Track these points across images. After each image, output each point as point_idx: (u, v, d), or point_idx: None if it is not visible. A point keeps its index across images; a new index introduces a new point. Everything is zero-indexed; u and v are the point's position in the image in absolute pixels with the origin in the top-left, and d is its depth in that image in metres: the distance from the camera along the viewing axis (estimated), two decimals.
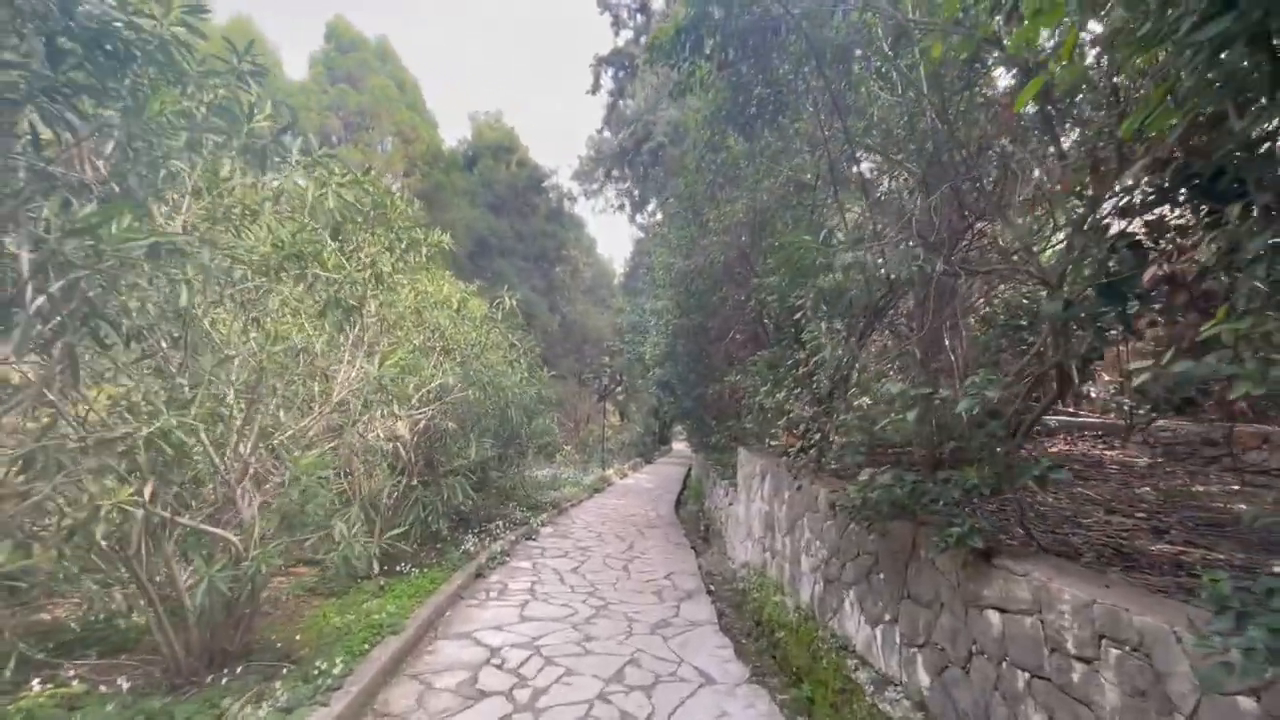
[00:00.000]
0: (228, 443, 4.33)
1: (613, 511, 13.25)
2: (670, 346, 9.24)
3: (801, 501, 5.04)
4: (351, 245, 4.42)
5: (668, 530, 11.34)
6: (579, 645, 5.14)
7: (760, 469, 6.41)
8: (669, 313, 8.22)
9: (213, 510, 4.30)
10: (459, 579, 6.69)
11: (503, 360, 7.62)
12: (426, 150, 17.88)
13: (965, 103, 3.61)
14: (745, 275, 6.40)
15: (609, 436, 24.39)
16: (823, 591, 4.59)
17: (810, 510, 4.90)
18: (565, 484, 15.46)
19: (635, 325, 13.49)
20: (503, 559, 8.08)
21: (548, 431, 12.64)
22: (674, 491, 17.92)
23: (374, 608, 5.35)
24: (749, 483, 7.13)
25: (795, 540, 5.23)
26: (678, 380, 9.90)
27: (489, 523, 9.47)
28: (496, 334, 8.32)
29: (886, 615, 3.69)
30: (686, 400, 10.44)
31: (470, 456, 6.72)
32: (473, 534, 8.75)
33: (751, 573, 6.55)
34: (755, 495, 6.71)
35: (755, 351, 6.30)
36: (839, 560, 4.34)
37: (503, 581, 7.07)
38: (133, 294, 3.17)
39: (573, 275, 25.16)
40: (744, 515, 7.40)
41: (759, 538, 6.47)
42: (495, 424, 9.49)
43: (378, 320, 5.04)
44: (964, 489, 2.99)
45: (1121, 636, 2.15)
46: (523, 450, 11.08)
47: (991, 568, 2.82)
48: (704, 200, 6.47)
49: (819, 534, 4.70)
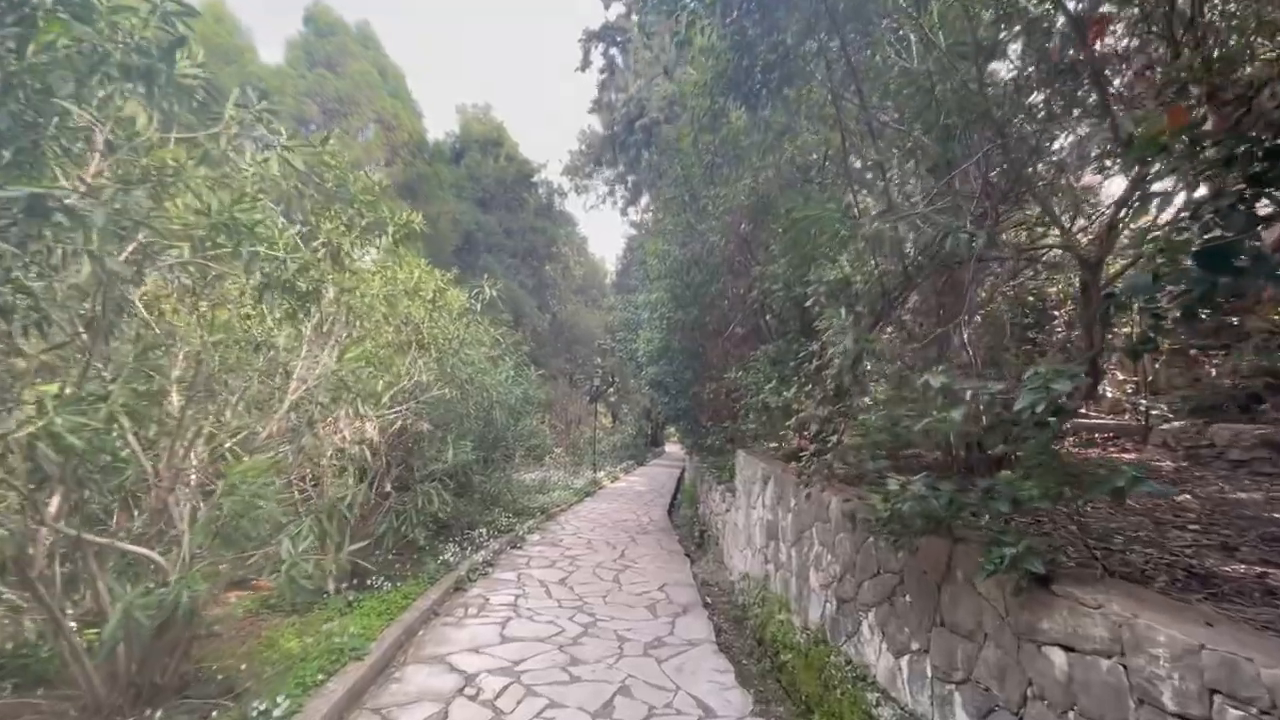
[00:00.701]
0: (167, 446, 3.83)
1: (603, 517, 12.74)
2: (665, 342, 8.72)
3: (810, 510, 4.58)
4: (303, 220, 3.91)
5: (661, 536, 10.85)
6: (565, 670, 4.64)
7: (762, 473, 5.95)
8: (664, 305, 7.73)
9: (147, 524, 3.77)
10: (435, 593, 6.16)
11: (485, 357, 7.09)
12: (410, 139, 17.19)
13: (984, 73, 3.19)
14: (745, 265, 5.94)
15: (600, 439, 23.87)
16: (835, 612, 4.13)
17: (820, 520, 4.43)
18: (555, 488, 14.94)
19: (628, 322, 12.98)
20: (485, 570, 7.56)
21: (536, 433, 12.13)
22: (667, 495, 17.45)
23: (336, 628, 4.82)
24: (749, 488, 6.66)
25: (802, 553, 4.76)
26: (672, 379, 9.39)
27: (472, 530, 8.94)
28: (479, 329, 7.80)
29: (914, 644, 3.23)
30: (682, 400, 9.95)
31: (447, 460, 6.19)
32: (454, 543, 8.22)
33: (752, 585, 6.08)
34: (756, 501, 6.24)
35: (756, 347, 5.85)
36: (855, 578, 3.87)
37: (484, 595, 6.55)
38: (30, 270, 2.66)
39: (563, 273, 24.61)
40: (743, 522, 6.93)
41: (760, 547, 6.00)
42: (479, 426, 8.97)
43: (340, 309, 4.53)
44: (1013, 501, 2.53)
45: (1244, 694, 1.69)
46: (509, 453, 10.57)
47: (1052, 596, 2.36)
48: (701, 183, 6.00)
49: (830, 547, 4.23)
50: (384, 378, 5.43)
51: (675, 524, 12.95)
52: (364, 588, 6.11)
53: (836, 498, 4.15)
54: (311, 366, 4.43)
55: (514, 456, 11.12)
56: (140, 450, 3.56)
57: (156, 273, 3.56)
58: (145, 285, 3.86)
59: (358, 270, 4.65)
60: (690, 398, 9.86)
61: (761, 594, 5.64)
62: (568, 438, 21.98)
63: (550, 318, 22.51)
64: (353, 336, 5.17)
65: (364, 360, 4.43)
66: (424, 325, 5.71)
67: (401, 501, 6.77)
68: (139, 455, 3.57)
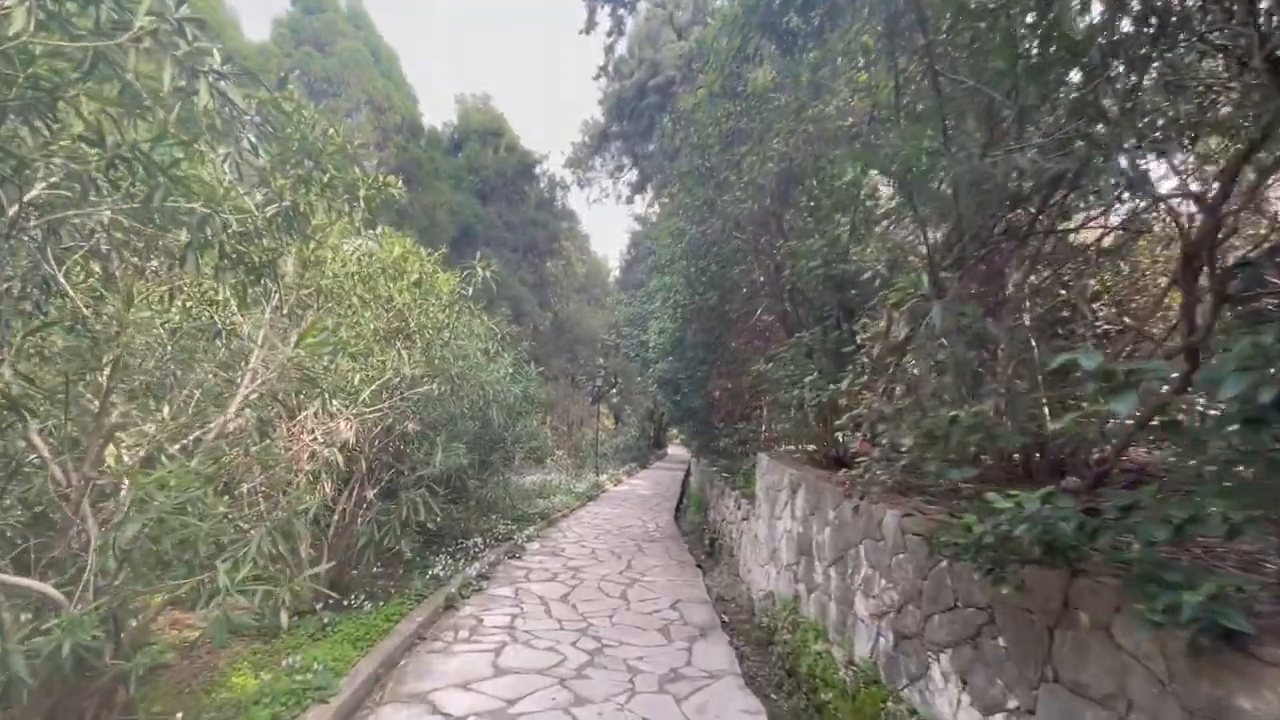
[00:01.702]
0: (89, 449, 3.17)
1: (607, 523, 12.08)
2: (678, 334, 7.89)
3: (856, 525, 3.90)
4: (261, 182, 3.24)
5: (669, 545, 10.18)
6: (567, 713, 3.96)
7: (790, 480, 5.27)
8: (678, 292, 6.96)
9: (56, 544, 3.11)
10: (422, 614, 5.49)
11: (480, 351, 6.38)
12: (403, 122, 16.35)
13: None
14: (771, 244, 5.26)
15: (603, 440, 23.17)
16: (892, 648, 3.44)
17: (870, 538, 3.75)
18: (556, 491, 14.27)
19: (634, 317, 12.27)
20: (479, 585, 6.89)
21: (536, 435, 11.45)
22: (672, 499, 16.79)
23: (301, 662, 4.15)
24: (772, 496, 5.98)
25: (846, 574, 4.08)
26: (684, 375, 8.60)
27: (466, 539, 8.27)
28: (473, 320, 7.10)
29: (1012, 701, 2.55)
30: (693, 398, 9.19)
31: (435, 464, 5.51)
32: (445, 554, 7.55)
33: (779, 606, 5.39)
34: (782, 511, 5.56)
35: (783, 337, 5.17)
36: (920, 609, 3.19)
37: (476, 615, 5.87)
38: None
39: (565, 271, 23.91)
40: (765, 534, 6.25)
41: (788, 564, 5.32)
42: (474, 427, 8.30)
43: (305, 287, 3.86)
44: (1180, 527, 1.86)
45: None
46: (507, 456, 9.88)
47: (1258, 664, 1.68)
48: (720, 153, 5.30)
49: (885, 570, 3.55)
50: (362, 370, 4.76)
51: (683, 530, 12.28)
52: (342, 607, 5.44)
53: (893, 512, 3.48)
54: (271, 356, 3.76)
55: (513, 459, 10.44)
56: (46, 451, 2.90)
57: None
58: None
59: (325, 240, 3.98)
60: (702, 396, 9.15)
61: (791, 617, 4.96)
62: (569, 439, 21.30)
63: (551, 316, 21.81)
64: (324, 321, 4.50)
65: (334, 348, 3.75)
66: (410, 311, 5.04)
67: (386, 510, 6.09)
68: (46, 459, 2.91)
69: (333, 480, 5.57)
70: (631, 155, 20.56)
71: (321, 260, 3.90)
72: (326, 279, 4.32)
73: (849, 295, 4.34)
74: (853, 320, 4.19)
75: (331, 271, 4.34)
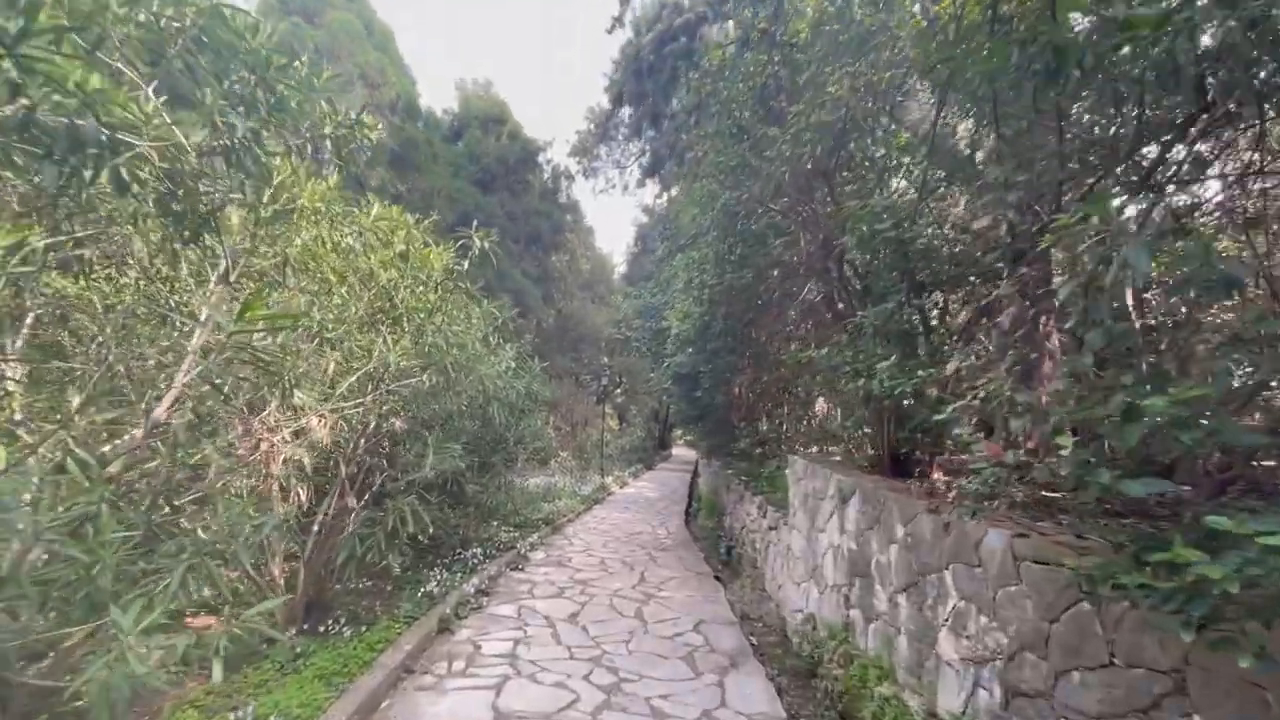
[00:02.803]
0: None
1: (615, 529, 11.34)
2: (704, 319, 7.01)
3: (941, 545, 3.15)
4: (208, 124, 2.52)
5: (682, 553, 9.43)
6: None
7: (839, 488, 4.52)
8: (706, 268, 6.11)
9: None
10: (411, 640, 4.76)
11: (479, 340, 5.61)
12: (398, 99, 15.49)
13: None
14: (816, 212, 4.50)
15: (608, 441, 22.43)
16: (1001, 706, 2.70)
17: (962, 561, 3.01)
18: (561, 494, 13.55)
19: (645, 310, 11.48)
20: (478, 602, 6.15)
21: (540, 435, 10.72)
22: (680, 502, 16.06)
23: (257, 712, 3.42)
24: (812, 505, 5.24)
25: (923, 604, 3.34)
26: (706, 367, 7.74)
27: (465, 549, 7.54)
28: (474, 309, 6.35)
29: None
30: (715, 394, 8.37)
31: (426, 468, 4.78)
32: (441, 566, 6.82)
33: (823, 632, 4.65)
34: (827, 523, 4.82)
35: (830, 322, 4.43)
36: (1047, 660, 2.45)
37: (474, 640, 5.14)
38: None
39: (569, 266, 23.14)
40: (802, 548, 5.51)
41: (836, 585, 4.58)
42: (474, 426, 7.58)
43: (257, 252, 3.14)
44: None
45: None
46: (510, 457, 9.15)
47: None
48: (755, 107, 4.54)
49: (987, 605, 2.81)
50: (341, 359, 4.03)
51: (695, 536, 11.54)
52: (318, 633, 4.72)
53: (999, 532, 2.73)
54: (216, 338, 3.03)
55: (516, 461, 9.70)
56: None
57: None
58: None
59: (293, 195, 3.25)
60: (724, 392, 8.38)
61: (842, 648, 4.22)
62: (574, 440, 20.57)
63: (556, 312, 21.06)
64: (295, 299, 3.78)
65: (292, 327, 3.03)
66: (396, 290, 4.30)
67: (373, 520, 5.36)
68: None
69: (309, 487, 4.87)
70: (644, 133, 19.12)
71: (288, 217, 3.18)
72: (295, 246, 3.59)
73: (916, 266, 3.60)
74: (923, 295, 3.46)
75: (300, 239, 3.61)
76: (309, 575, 5.01)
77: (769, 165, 4.31)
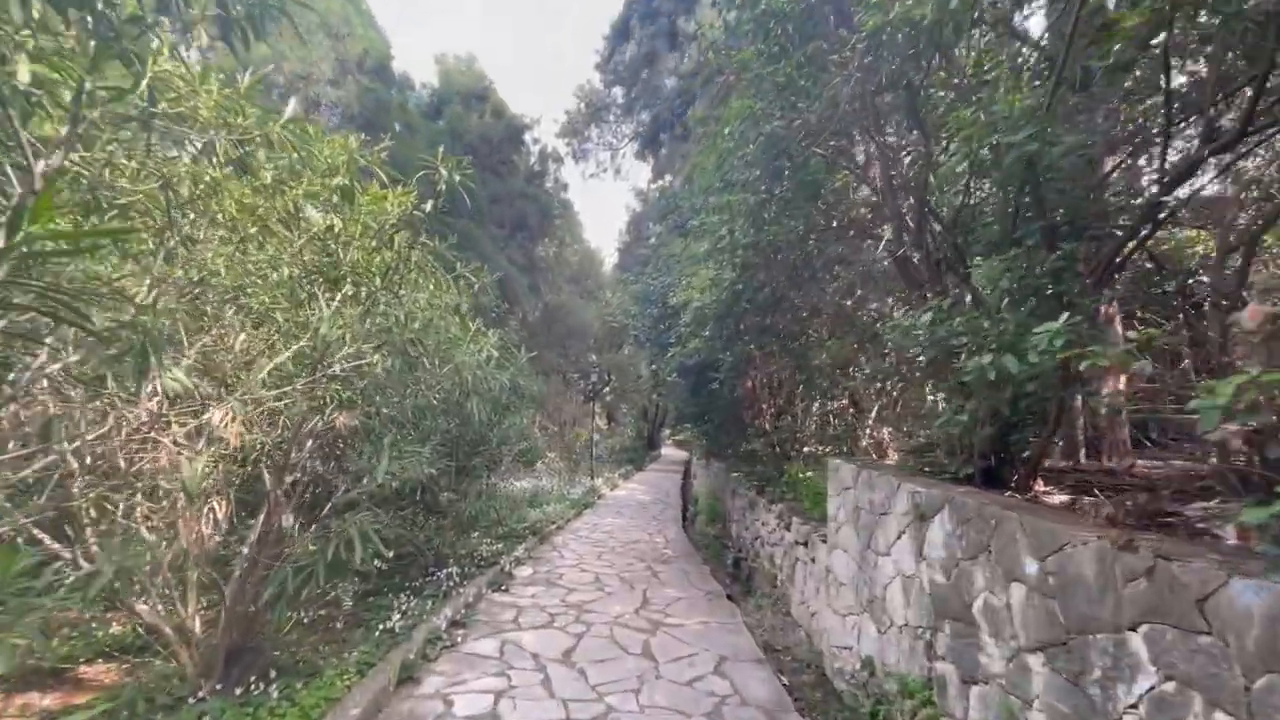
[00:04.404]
0: None
1: (609, 537, 10.32)
2: (738, 287, 5.52)
3: (1129, 595, 2.17)
4: None
5: (686, 567, 8.43)
6: None
7: (916, 501, 3.53)
8: (738, 222, 4.78)
9: None
10: (360, 700, 3.68)
11: (451, 313, 4.47)
12: (366, 55, 14.01)
13: None
14: (885, 142, 3.47)
15: (597, 441, 21.35)
16: None
17: (1168, 623, 2.02)
18: (549, 499, 12.49)
19: (644, 295, 10.41)
20: (452, 637, 5.08)
21: (526, 435, 9.64)
22: (676, 505, 15.09)
23: None
24: (866, 519, 4.25)
25: (1082, 675, 2.35)
26: (726, 354, 6.51)
27: (439, 568, 6.46)
28: (448, 295, 5.22)
29: None
30: (734, 386, 7.25)
31: (378, 477, 3.69)
32: (409, 591, 5.75)
33: (890, 685, 3.66)
34: (892, 545, 3.83)
35: (906, 286, 3.43)
36: None
37: (444, 694, 4.08)
38: None
39: (557, 255, 21.96)
40: (849, 572, 4.52)
41: (910, 625, 3.59)
42: (453, 424, 6.50)
43: (77, 153, 2.07)
44: None
45: None
46: (493, 460, 8.06)
47: None
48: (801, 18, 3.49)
49: (1233, 701, 1.82)
50: (253, 329, 2.96)
51: (695, 544, 10.55)
52: (240, 692, 3.63)
53: (1259, 586, 1.74)
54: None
55: (500, 464, 8.61)
56: None
57: None
58: None
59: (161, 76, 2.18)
60: (742, 385, 7.34)
61: (925, 712, 3.23)
62: (562, 440, 19.46)
63: (543, 305, 19.90)
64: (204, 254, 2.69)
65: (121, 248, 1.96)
66: (337, 237, 3.19)
67: (324, 539, 4.25)
68: None
69: (227, 503, 3.78)
70: (638, 103, 17.44)
71: (183, 127, 2.10)
72: (182, 166, 2.50)
73: (1051, 202, 2.62)
74: (1072, 239, 2.49)
75: (186, 160, 2.52)
76: (231, 616, 3.91)
77: (828, 80, 3.29)
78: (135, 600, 3.63)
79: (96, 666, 4.39)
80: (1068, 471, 3.92)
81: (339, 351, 3.41)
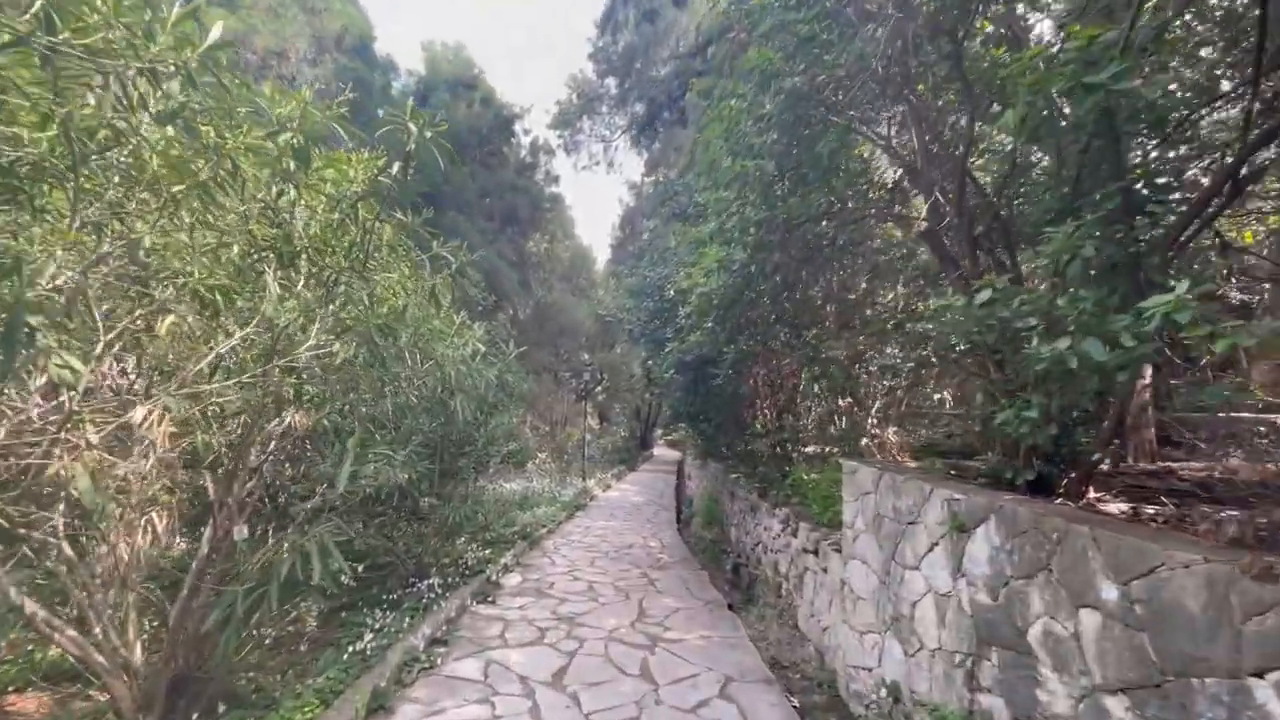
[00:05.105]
0: None
1: (602, 540, 9.89)
2: (749, 269, 4.84)
3: (1255, 633, 1.76)
4: None
5: (683, 573, 8.01)
6: None
7: (953, 510, 3.12)
8: (750, 196, 4.21)
9: None
10: None
11: (427, 299, 4.02)
12: (344, 33, 13.42)
13: None
14: (920, 101, 3.03)
15: (589, 441, 20.90)
16: None
17: None
18: (539, 501, 12.04)
19: (640, 288, 9.97)
20: (430, 657, 4.62)
21: (516, 435, 9.19)
22: (669, 507, 14.69)
23: None
24: (890, 528, 3.85)
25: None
26: (730, 348, 5.98)
27: (421, 579, 6.00)
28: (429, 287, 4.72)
29: None
30: (738, 382, 6.79)
31: (340, 486, 3.24)
32: (387, 604, 5.29)
33: (920, 715, 3.26)
34: (923, 558, 3.43)
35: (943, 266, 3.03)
36: None
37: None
38: None
39: (549, 251, 21.46)
40: (869, 586, 4.12)
41: (946, 650, 3.19)
42: (436, 424, 6.05)
43: None
44: None
45: None
46: (480, 461, 7.61)
47: None
48: None
49: None
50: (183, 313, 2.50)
51: (691, 547, 10.15)
52: None
53: None
54: None
55: (488, 465, 8.15)
56: None
57: None
58: None
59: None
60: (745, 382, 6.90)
61: None
62: (553, 441, 18.99)
63: (533, 302, 19.40)
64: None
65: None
66: (290, 205, 2.75)
67: (285, 550, 3.78)
68: None
69: (169, 516, 3.31)
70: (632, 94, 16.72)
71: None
72: (85, 108, 2.05)
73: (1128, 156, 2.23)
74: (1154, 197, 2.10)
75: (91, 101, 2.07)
76: (175, 640, 3.45)
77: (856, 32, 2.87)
78: (63, 625, 3.16)
79: (26, 697, 3.92)
80: (1113, 475, 3.53)
81: (296, 340, 2.95)
